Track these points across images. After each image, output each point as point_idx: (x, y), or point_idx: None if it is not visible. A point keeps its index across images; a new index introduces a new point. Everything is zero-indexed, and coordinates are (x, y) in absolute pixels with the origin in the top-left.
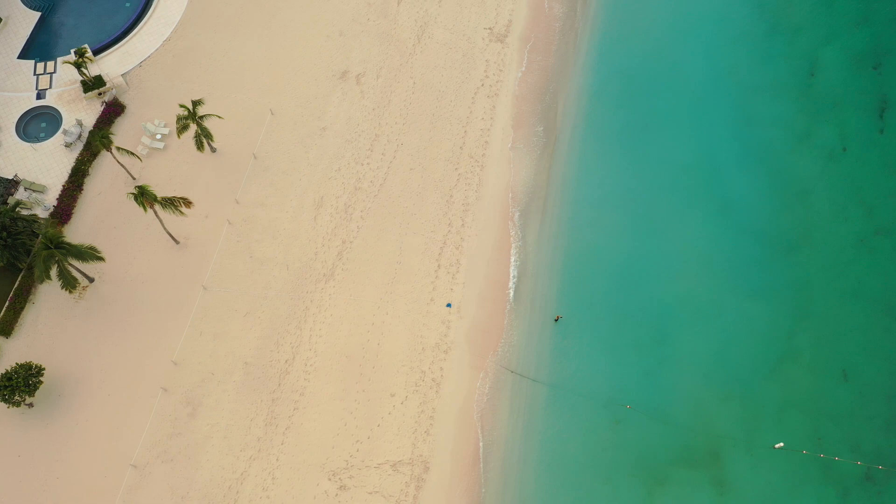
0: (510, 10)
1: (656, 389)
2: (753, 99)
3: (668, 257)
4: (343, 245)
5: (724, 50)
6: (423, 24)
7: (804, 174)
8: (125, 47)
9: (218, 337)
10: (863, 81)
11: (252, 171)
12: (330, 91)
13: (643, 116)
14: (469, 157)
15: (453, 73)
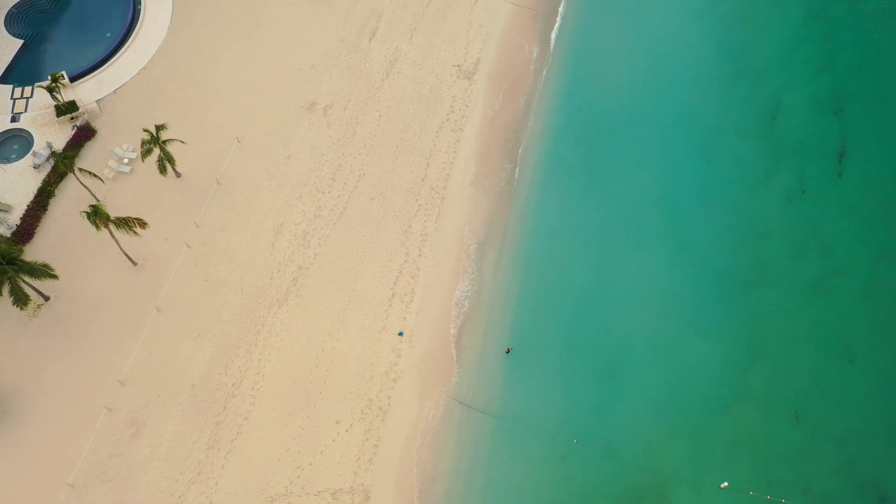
0: (479, 49)
1: (605, 424)
2: (715, 140)
3: (624, 293)
4: (299, 271)
5: (688, 93)
6: (392, 60)
7: (763, 215)
8: (102, 75)
9: (167, 358)
10: (823, 126)
11: (214, 196)
12: (297, 121)
13: (605, 154)
14: (430, 189)
15: (419, 107)
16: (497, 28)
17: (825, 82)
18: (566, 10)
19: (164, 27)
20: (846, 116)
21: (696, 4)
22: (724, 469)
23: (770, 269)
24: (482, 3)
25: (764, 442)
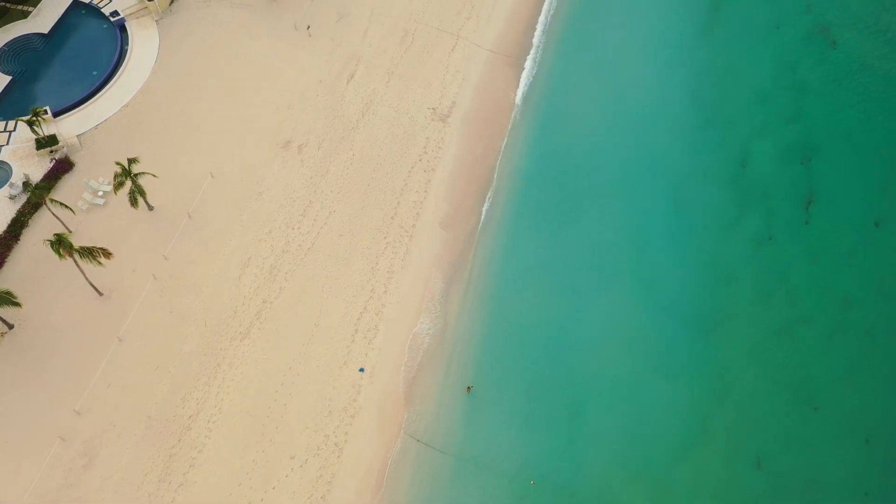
0: (455, 93)
1: (564, 467)
2: (684, 185)
3: (588, 333)
4: (263, 305)
5: (659, 139)
6: (368, 102)
7: (730, 260)
8: (85, 110)
9: (126, 389)
10: (792, 174)
11: (185, 229)
12: (271, 158)
13: (575, 198)
14: (399, 227)
15: (393, 147)
16: (473, 73)
17: (794, 132)
18: (542, 57)
19: (148, 66)
20: (814, 166)
21: (670, 55)
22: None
23: (736, 314)
24: (459, 50)
25: (725, 488)
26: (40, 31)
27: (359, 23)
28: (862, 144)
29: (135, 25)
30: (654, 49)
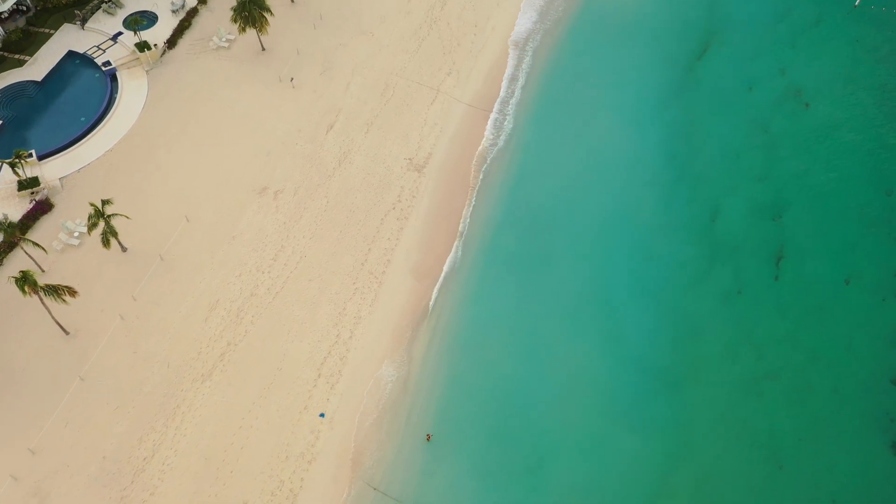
0: (432, 144)
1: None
2: (654, 238)
3: (552, 385)
4: (228, 347)
5: (630, 192)
6: (346, 151)
7: (697, 313)
8: (70, 154)
9: (83, 428)
10: (762, 230)
11: (156, 270)
12: (247, 204)
13: (545, 248)
14: (369, 274)
15: (367, 195)
16: (450, 126)
17: (765, 189)
18: (518, 112)
19: (135, 113)
20: (785, 222)
21: (643, 112)
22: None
23: (702, 369)
24: (438, 103)
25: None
26: (34, 79)
27: (342, 76)
28: (833, 203)
29: (125, 75)
30: (627, 106)
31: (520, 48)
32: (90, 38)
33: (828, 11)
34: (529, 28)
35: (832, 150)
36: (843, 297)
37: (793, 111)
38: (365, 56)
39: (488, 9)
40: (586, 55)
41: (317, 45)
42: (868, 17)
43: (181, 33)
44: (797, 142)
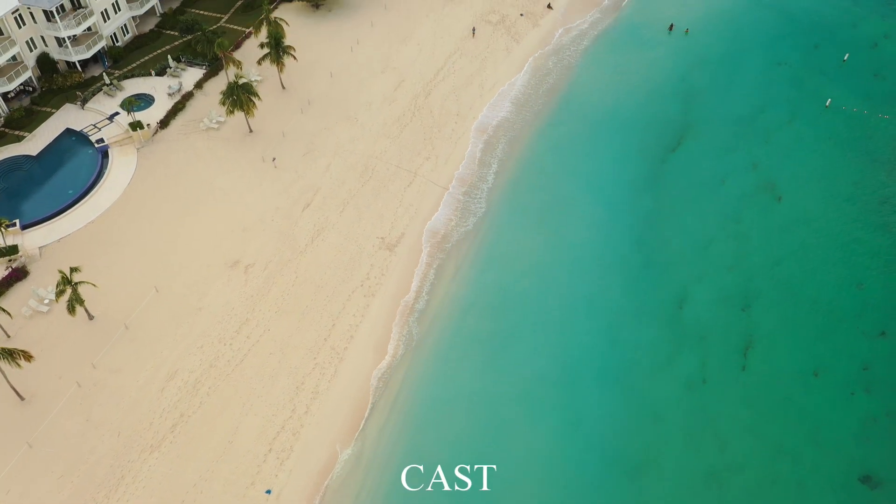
0: (405, 225)
1: None
2: (620, 324)
3: (509, 467)
4: (181, 418)
5: (597, 278)
6: (320, 229)
7: (660, 400)
8: (53, 225)
9: (23, 496)
10: (730, 320)
11: (119, 339)
12: (217, 277)
13: (509, 329)
14: (331, 349)
15: (336, 272)
16: (425, 207)
17: (735, 279)
18: (489, 196)
19: (121, 188)
20: (754, 313)
21: (615, 199)
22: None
23: (662, 457)
24: (415, 186)
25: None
26: (29, 153)
27: (324, 158)
28: (803, 294)
29: (117, 152)
30: (599, 193)
31: (497, 136)
32: (88, 117)
33: (801, 110)
34: (509, 118)
35: (803, 243)
36: (811, 390)
37: (765, 204)
38: (347, 139)
39: (470, 99)
40: (562, 145)
41: (302, 129)
42: (839, 116)
43: (174, 115)
44: (768, 234)
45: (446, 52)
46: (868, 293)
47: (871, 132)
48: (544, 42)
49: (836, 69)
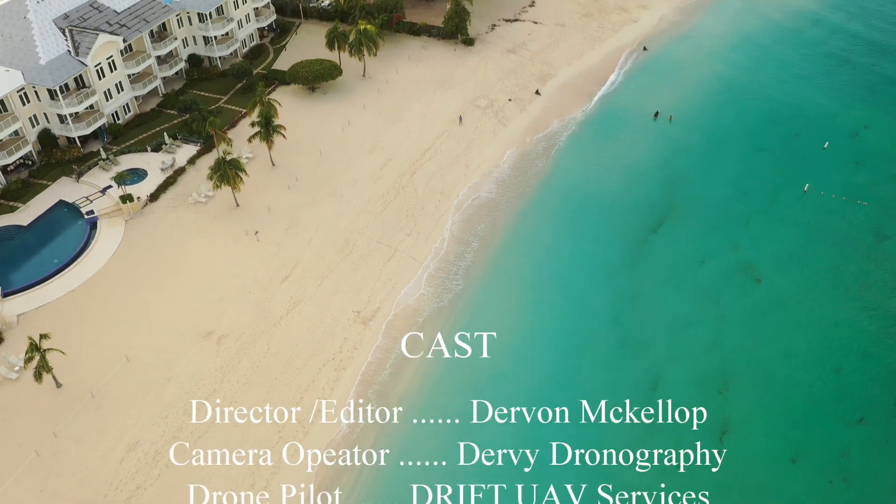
0: (381, 299)
1: None
2: (591, 404)
3: None
4: (136, 490)
5: (570, 355)
6: (296, 301)
7: (632, 487)
8: (34, 293)
9: None
10: (706, 403)
11: (84, 407)
12: (189, 347)
13: (477, 410)
14: (296, 423)
15: (309, 344)
16: (402, 282)
17: (712, 361)
18: (468, 273)
19: (105, 259)
20: (730, 396)
21: (593, 278)
22: None
23: None
24: (394, 261)
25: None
26: (20, 224)
27: (306, 232)
28: (781, 378)
29: (105, 223)
30: (579, 272)
31: (479, 215)
32: (82, 190)
33: (781, 195)
34: (492, 198)
35: (782, 326)
36: (789, 477)
37: (744, 286)
38: (331, 215)
39: (455, 179)
40: (544, 225)
41: (288, 204)
42: (817, 201)
43: (165, 189)
44: (747, 316)
45: (434, 133)
46: (847, 378)
47: (851, 218)
48: (531, 126)
49: (816, 156)
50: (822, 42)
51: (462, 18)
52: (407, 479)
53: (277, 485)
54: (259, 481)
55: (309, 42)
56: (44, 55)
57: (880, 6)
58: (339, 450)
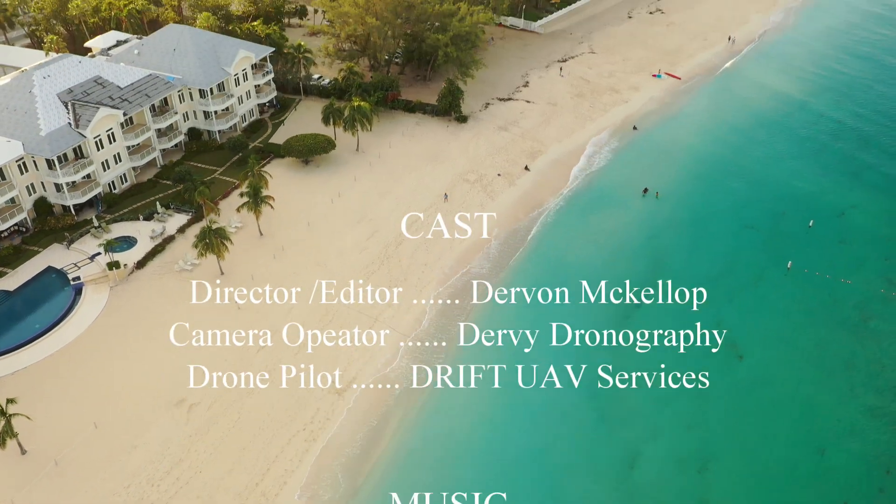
0: (357, 370)
1: None
2: (565, 481)
3: None
4: None
5: (547, 430)
6: (271, 368)
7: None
8: (11, 358)
9: None
10: (684, 482)
11: (47, 475)
12: (160, 414)
13: (449, 479)
14: (261, 495)
15: (281, 413)
16: (380, 354)
17: (691, 439)
18: (448, 347)
19: (86, 324)
20: (710, 475)
21: (574, 351)
22: None
23: None
24: (373, 331)
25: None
26: (7, 289)
27: (288, 302)
28: (761, 458)
29: (90, 289)
30: (559, 346)
31: (463, 288)
32: (71, 257)
33: (766, 272)
34: (478, 271)
35: (764, 405)
36: None
37: (726, 363)
38: (314, 284)
39: (440, 251)
40: (527, 300)
41: (272, 272)
42: (801, 279)
43: (153, 256)
44: (728, 394)
45: (423, 206)
46: (830, 460)
47: (835, 296)
48: (519, 200)
49: (802, 235)
50: (810, 125)
51: (455, 97)
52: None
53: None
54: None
55: (307, 118)
56: (45, 127)
57: (865, 93)
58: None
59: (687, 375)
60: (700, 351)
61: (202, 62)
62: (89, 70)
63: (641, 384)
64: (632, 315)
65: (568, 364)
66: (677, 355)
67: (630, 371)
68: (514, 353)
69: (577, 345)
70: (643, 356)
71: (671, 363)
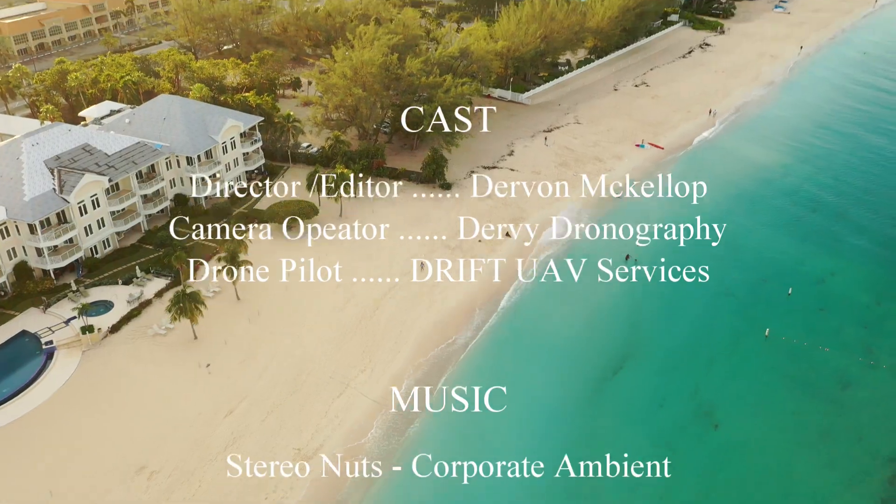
0: (325, 437)
1: None
2: None
3: None
4: None
5: (516, 499)
6: (236, 437)
7: None
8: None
9: None
10: None
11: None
12: (118, 483)
13: None
14: None
15: (240, 485)
16: (349, 420)
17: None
18: (420, 415)
19: (53, 389)
20: None
21: (548, 420)
22: None
23: None
24: (344, 397)
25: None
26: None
27: (260, 364)
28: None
29: (63, 353)
30: (533, 413)
31: (441, 354)
32: (46, 320)
33: (744, 339)
34: (457, 338)
35: (738, 475)
36: None
37: (700, 431)
38: (287, 347)
39: (417, 315)
40: (503, 365)
41: (246, 337)
42: (778, 346)
43: (128, 320)
44: (701, 463)
45: (402, 270)
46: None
47: (813, 364)
48: (499, 266)
49: (781, 302)
50: (791, 192)
51: (439, 164)
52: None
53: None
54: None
55: (293, 185)
56: (29, 192)
57: (847, 160)
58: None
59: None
60: (675, 420)
61: (190, 130)
62: (78, 138)
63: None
64: (607, 382)
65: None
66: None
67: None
68: (487, 411)
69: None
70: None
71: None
